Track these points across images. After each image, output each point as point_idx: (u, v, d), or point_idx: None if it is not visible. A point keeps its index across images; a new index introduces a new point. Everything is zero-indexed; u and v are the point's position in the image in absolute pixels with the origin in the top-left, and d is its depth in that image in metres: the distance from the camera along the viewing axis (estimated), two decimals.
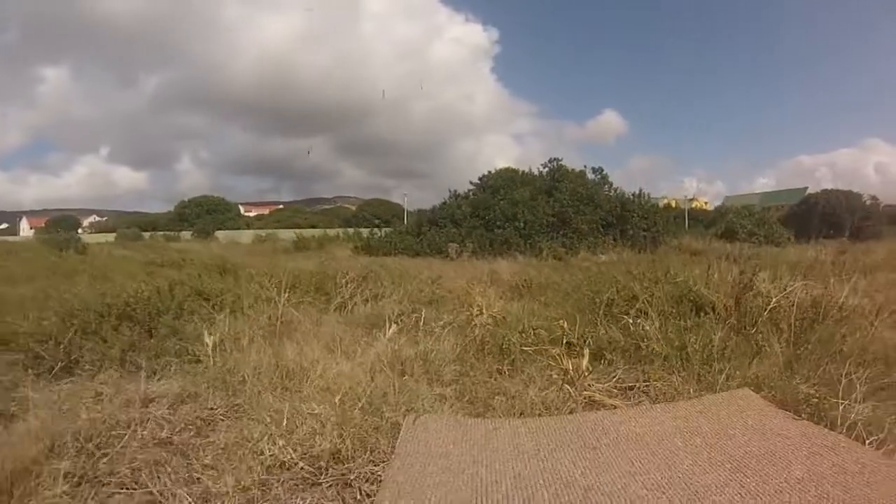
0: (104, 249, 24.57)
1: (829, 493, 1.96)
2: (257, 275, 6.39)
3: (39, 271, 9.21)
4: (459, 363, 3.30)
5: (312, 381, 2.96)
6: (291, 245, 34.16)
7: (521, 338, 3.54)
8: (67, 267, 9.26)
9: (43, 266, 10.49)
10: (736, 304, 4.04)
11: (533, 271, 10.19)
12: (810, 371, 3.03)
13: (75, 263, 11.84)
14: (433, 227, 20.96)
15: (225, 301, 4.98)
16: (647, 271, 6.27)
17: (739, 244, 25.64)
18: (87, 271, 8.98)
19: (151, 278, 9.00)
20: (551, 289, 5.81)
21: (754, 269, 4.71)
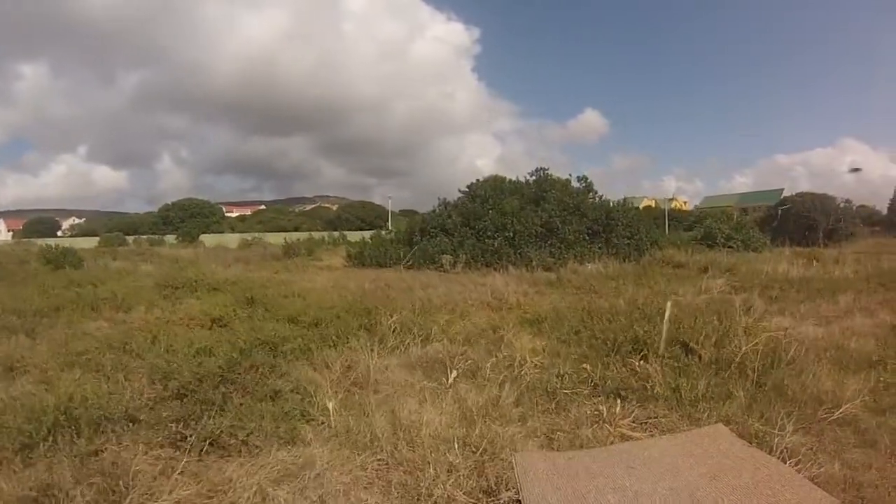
0: (97, 259, 24.41)
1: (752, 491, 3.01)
2: (297, 312, 6.74)
3: (56, 300, 9.32)
4: (519, 406, 3.94)
5: (436, 438, 3.42)
6: (280, 250, 34.48)
7: (560, 381, 4.23)
8: (87, 297, 9.33)
9: (51, 289, 10.67)
10: (716, 345, 4.73)
11: (531, 289, 10.89)
12: (763, 410, 3.86)
13: (81, 280, 12.05)
14: (424, 236, 21.40)
15: (292, 349, 5.27)
16: (643, 306, 6.95)
17: (718, 249, 26.65)
18: (109, 300, 9.15)
19: (170, 303, 9.43)
20: (562, 321, 6.38)
21: (727, 327, 5.42)
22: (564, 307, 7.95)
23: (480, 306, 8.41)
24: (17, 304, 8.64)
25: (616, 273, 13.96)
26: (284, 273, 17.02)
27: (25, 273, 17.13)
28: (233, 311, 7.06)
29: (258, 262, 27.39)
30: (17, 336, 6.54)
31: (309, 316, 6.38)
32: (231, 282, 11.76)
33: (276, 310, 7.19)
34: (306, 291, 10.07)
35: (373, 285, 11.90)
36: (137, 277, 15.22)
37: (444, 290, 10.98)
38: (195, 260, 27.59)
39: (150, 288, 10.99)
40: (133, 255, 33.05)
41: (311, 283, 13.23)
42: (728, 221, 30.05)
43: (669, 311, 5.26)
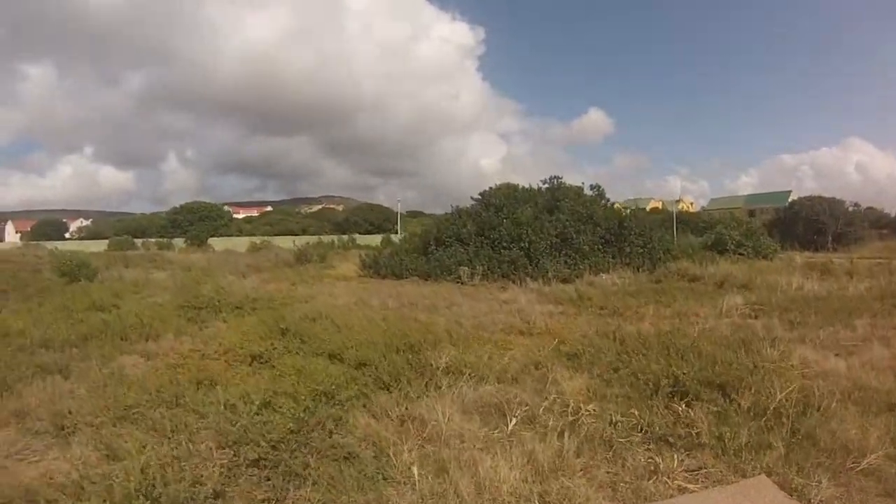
0: (109, 267, 24.44)
1: None
2: (338, 346, 6.87)
3: (82, 327, 9.22)
4: (580, 456, 4.13)
5: (517, 496, 3.54)
6: (291, 255, 34.66)
7: (614, 428, 4.48)
8: (114, 325, 9.22)
9: (73, 313, 10.63)
10: (750, 389, 4.97)
11: (554, 308, 11.13)
12: (800, 460, 4.06)
13: (101, 299, 12.08)
14: (439, 245, 21.57)
15: (349, 396, 5.24)
16: (671, 335, 7.19)
17: (729, 255, 26.81)
18: (136, 327, 9.14)
19: (196, 326, 9.56)
20: (599, 355, 6.60)
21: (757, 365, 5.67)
22: (593, 333, 8.16)
23: (511, 331, 8.63)
24: (43, 332, 8.74)
25: (634, 288, 14.16)
26: (302, 286, 17.17)
27: (40, 285, 17.35)
28: (271, 345, 7.08)
29: (271, 269, 27.60)
30: (53, 376, 6.52)
31: (351, 351, 6.45)
32: (252, 299, 11.95)
33: (313, 341, 7.25)
34: (332, 310, 10.23)
35: (396, 302, 12.15)
36: (154, 290, 15.49)
37: (468, 308, 11.23)
38: (207, 267, 27.82)
39: (171, 308, 11.05)
40: (144, 262, 33.05)
41: (333, 297, 13.46)
42: (738, 227, 30.09)
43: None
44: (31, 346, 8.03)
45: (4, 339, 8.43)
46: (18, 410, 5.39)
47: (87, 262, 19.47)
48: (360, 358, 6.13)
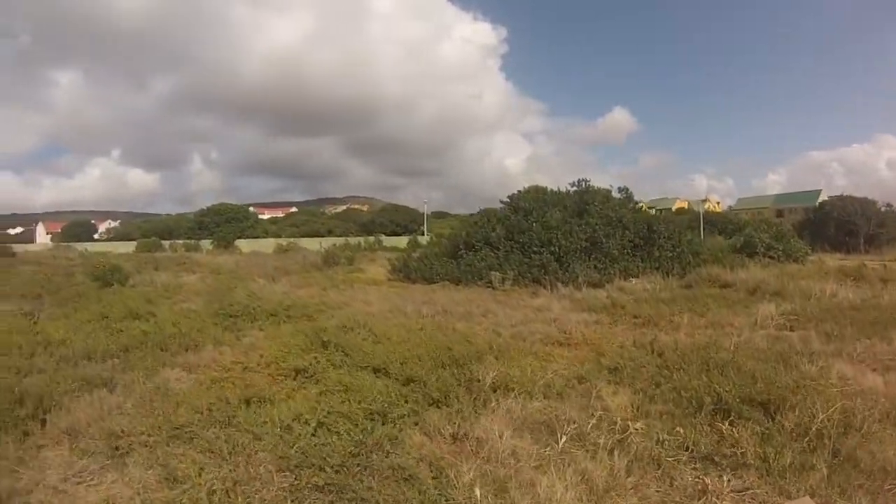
0: (140, 271, 25.06)
1: None
2: (381, 359, 6.94)
3: (122, 337, 9.30)
4: (630, 475, 4.23)
5: None
6: (318, 257, 34.98)
7: (661, 447, 4.61)
8: (154, 336, 9.29)
9: (112, 322, 10.74)
10: (792, 409, 5.06)
11: (588, 316, 11.23)
12: (842, 482, 4.13)
13: (136, 306, 12.21)
14: (469, 249, 21.69)
15: (401, 415, 5.27)
16: (709, 347, 7.28)
17: (758, 259, 26.60)
18: (175, 337, 9.24)
19: (233, 335, 9.67)
20: (640, 369, 6.71)
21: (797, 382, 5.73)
22: (630, 344, 8.28)
23: (549, 341, 8.76)
24: (84, 341, 8.92)
25: (665, 295, 14.19)
26: (333, 290, 17.39)
27: (74, 289, 17.78)
28: (314, 359, 7.15)
29: (299, 272, 27.88)
30: (99, 390, 6.56)
31: (396, 365, 6.53)
32: (286, 306, 12.16)
33: (355, 353, 7.33)
34: (368, 319, 10.41)
35: (430, 309, 12.31)
36: (186, 295, 15.83)
37: (503, 315, 11.39)
38: (236, 270, 28.25)
39: (206, 316, 11.27)
40: (173, 264, 33.31)
41: (366, 304, 13.66)
42: (768, 230, 29.81)
43: None
44: (73, 356, 8.15)
45: (47, 349, 8.61)
46: (70, 428, 5.40)
47: (119, 267, 19.92)
48: (407, 373, 6.20)
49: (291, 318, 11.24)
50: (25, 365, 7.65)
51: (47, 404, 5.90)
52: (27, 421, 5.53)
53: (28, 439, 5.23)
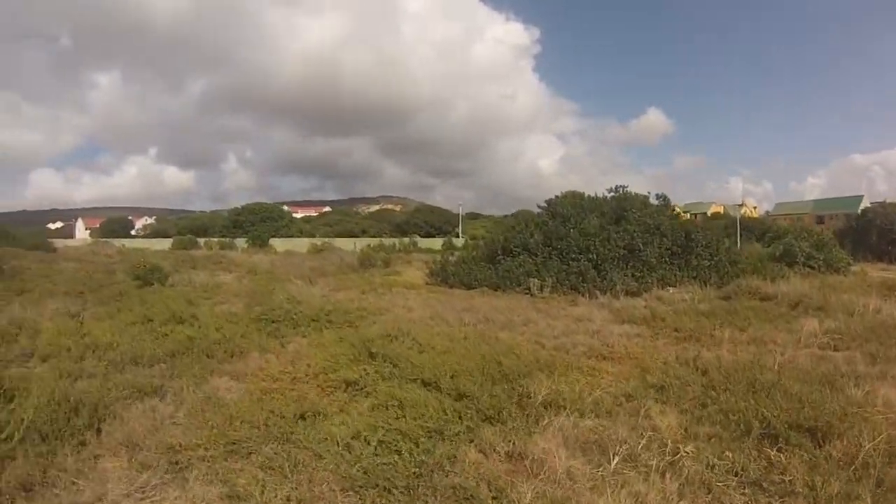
0: (178, 269, 25.68)
1: None
2: (431, 372, 7.05)
3: (167, 342, 9.48)
4: (682, 498, 4.34)
5: None
6: (354, 258, 35.35)
7: (712, 473, 4.74)
8: (200, 342, 9.45)
9: (157, 326, 10.93)
10: (839, 437, 5.15)
11: (629, 328, 11.33)
12: None
13: (179, 308, 12.47)
14: (506, 254, 21.83)
15: (457, 432, 5.38)
16: (753, 366, 7.34)
17: (798, 268, 26.25)
18: (221, 344, 9.44)
19: (277, 342, 9.83)
20: (685, 388, 6.82)
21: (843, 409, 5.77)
22: (673, 360, 8.38)
23: (592, 354, 8.90)
24: (130, 345, 9.22)
25: (705, 307, 14.18)
26: (371, 294, 17.67)
27: (115, 288, 18.39)
28: (364, 370, 7.28)
29: (335, 273, 28.20)
30: (150, 398, 6.70)
31: (445, 379, 6.64)
32: (327, 311, 12.44)
33: (404, 364, 7.45)
34: (411, 326, 10.61)
35: (471, 317, 12.51)
36: (225, 296, 16.24)
37: (544, 325, 11.57)
38: (272, 271, 28.73)
39: (248, 320, 11.58)
40: (209, 263, 34.07)
41: (407, 310, 13.92)
42: (809, 238, 29.35)
43: None
44: (121, 361, 8.35)
45: (94, 353, 8.87)
46: (126, 439, 5.43)
47: (158, 267, 20.43)
48: (458, 387, 6.34)
49: (333, 323, 11.51)
50: (75, 369, 7.88)
51: (102, 413, 5.99)
52: (83, 430, 5.57)
53: (84, 449, 5.28)
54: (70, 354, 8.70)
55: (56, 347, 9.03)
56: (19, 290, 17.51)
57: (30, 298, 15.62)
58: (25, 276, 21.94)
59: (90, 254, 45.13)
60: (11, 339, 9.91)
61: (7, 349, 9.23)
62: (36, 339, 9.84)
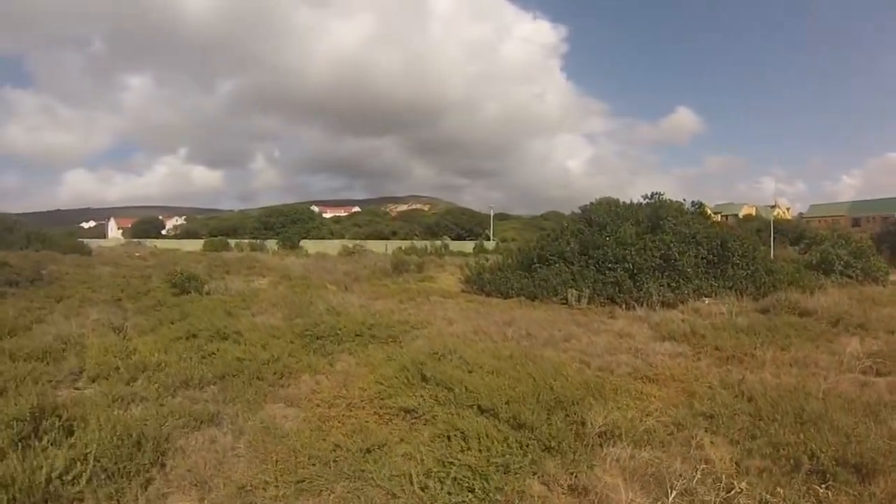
0: (212, 274, 26.31)
1: None
2: (487, 398, 7.23)
3: (217, 363, 9.33)
4: None
5: None
6: (387, 262, 35.76)
7: None
8: (250, 364, 9.28)
9: (203, 343, 10.90)
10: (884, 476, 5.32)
11: (671, 345, 11.47)
12: None
13: (221, 321, 12.73)
14: (542, 262, 22.04)
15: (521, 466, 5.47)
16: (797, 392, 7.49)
17: (835, 277, 26.03)
18: (270, 364, 9.39)
19: (324, 360, 9.96)
20: (734, 418, 7.01)
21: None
22: (718, 383, 8.56)
23: (637, 375, 9.12)
24: (178, 366, 9.10)
25: (743, 321, 14.26)
26: (409, 303, 17.93)
27: (152, 295, 19.02)
28: (421, 397, 7.37)
29: (369, 278, 28.56)
30: (207, 427, 6.68)
31: (501, 405, 6.78)
32: (369, 324, 12.61)
33: (457, 388, 7.51)
34: (455, 342, 10.85)
35: (513, 331, 12.73)
36: (263, 305, 16.63)
37: (586, 341, 11.76)
38: (306, 275, 29.21)
39: (291, 335, 11.68)
40: (242, 267, 34.78)
41: (447, 321, 14.17)
42: (847, 245, 29.03)
43: None
44: (171, 384, 8.23)
45: (144, 373, 8.73)
46: (193, 476, 5.36)
47: (194, 275, 20.84)
48: (516, 415, 6.48)
49: (376, 338, 11.71)
50: (127, 392, 7.73)
51: (163, 446, 5.85)
52: (149, 467, 5.44)
53: (151, 486, 5.20)
54: (119, 375, 8.63)
55: (105, 367, 8.94)
56: (59, 297, 18.22)
57: (69, 306, 16.28)
58: (64, 282, 22.74)
59: (124, 255, 46.31)
60: (59, 357, 9.82)
61: (56, 367, 9.06)
62: (82, 355, 9.75)
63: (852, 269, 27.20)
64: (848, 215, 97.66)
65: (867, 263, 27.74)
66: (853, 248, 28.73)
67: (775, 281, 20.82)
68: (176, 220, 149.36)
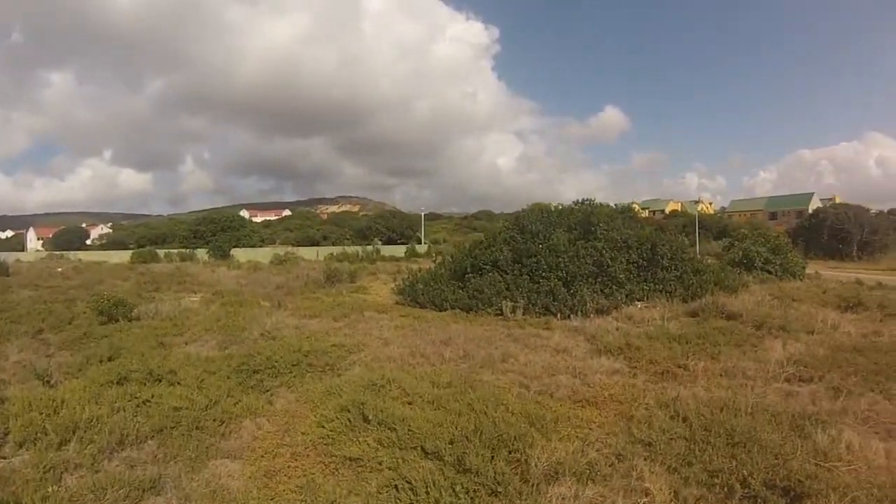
0: (142, 297, 25.30)
1: None
2: (433, 440, 7.28)
3: (155, 412, 8.45)
4: None
5: None
6: (319, 272, 35.20)
7: None
8: (184, 409, 8.62)
9: (137, 388, 9.69)
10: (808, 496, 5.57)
11: (606, 360, 11.66)
12: None
13: (152, 355, 12.09)
14: (475, 271, 22.02)
15: None
16: (727, 408, 7.75)
17: (756, 273, 27.18)
18: (209, 409, 8.77)
19: (260, 398, 9.80)
20: (671, 444, 7.19)
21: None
22: (654, 403, 8.76)
23: (576, 396, 9.23)
24: (112, 419, 8.20)
25: (674, 326, 14.72)
26: (344, 320, 17.69)
27: (79, 326, 17.89)
28: (366, 443, 7.17)
29: (303, 291, 28.18)
30: (150, 496, 6.24)
31: (444, 445, 6.75)
32: (305, 351, 12.23)
33: (400, 428, 7.37)
34: (390, 364, 11.15)
35: (450, 351, 12.60)
36: (196, 331, 16.17)
37: (523, 359, 11.80)
38: (237, 289, 28.65)
39: (228, 371, 11.10)
40: (173, 283, 33.62)
41: (384, 342, 13.98)
42: (766, 242, 30.49)
43: None
44: (107, 444, 7.43)
45: (75, 434, 7.72)
46: None
47: (122, 301, 19.64)
48: (459, 456, 6.42)
49: (313, 366, 11.49)
50: (59, 460, 6.96)
51: None
52: None
53: None
54: (48, 440, 7.58)
55: (32, 428, 7.87)
56: None
57: None
58: None
59: (45, 272, 43.83)
60: None
61: None
62: (5, 413, 8.51)
63: (771, 265, 28.57)
64: (766, 210, 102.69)
65: (785, 259, 29.18)
66: (772, 245, 30.16)
67: (702, 282, 21.51)
68: (101, 228, 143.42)
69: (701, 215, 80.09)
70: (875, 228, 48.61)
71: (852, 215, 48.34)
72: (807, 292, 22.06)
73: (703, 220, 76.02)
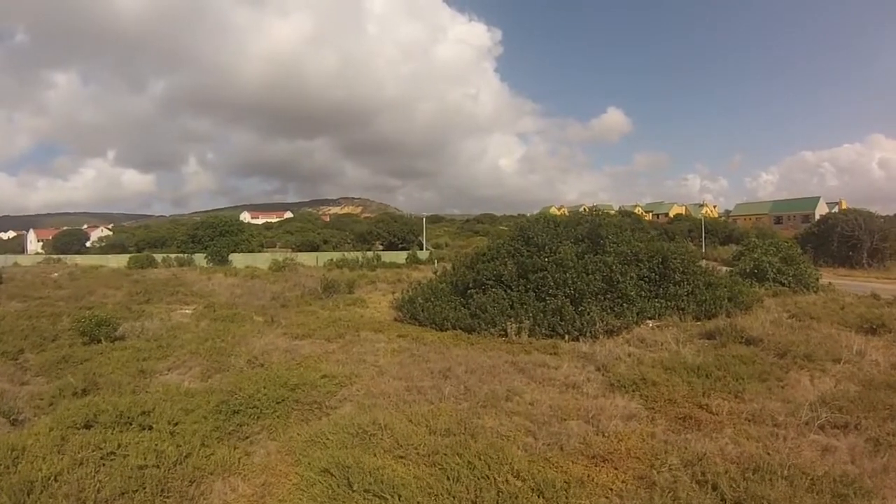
0: (131, 310, 24.73)
1: None
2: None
3: (118, 459, 7.88)
4: None
5: None
6: (317, 283, 34.33)
7: None
8: (151, 466, 7.69)
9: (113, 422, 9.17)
10: None
11: (622, 400, 10.71)
12: None
13: (127, 404, 10.54)
14: (479, 288, 20.93)
15: None
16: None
17: (769, 285, 26.19)
18: (179, 465, 7.86)
19: (237, 447, 8.92)
20: None
21: None
22: (677, 460, 7.80)
23: (590, 453, 8.25)
24: (73, 475, 7.35)
25: (690, 353, 13.74)
26: (337, 341, 16.88)
27: (61, 346, 17.02)
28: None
29: (298, 302, 27.70)
30: None
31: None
32: (292, 385, 11.41)
33: (389, 497, 6.65)
34: (384, 402, 10.39)
35: (449, 385, 11.54)
36: (180, 354, 15.32)
37: (529, 398, 10.83)
38: (231, 301, 28.04)
39: (206, 410, 10.09)
40: (166, 294, 32.56)
41: (379, 372, 13.05)
42: (777, 252, 29.47)
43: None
44: None
45: (31, 497, 6.79)
46: None
47: (105, 320, 18.62)
48: None
49: (300, 402, 10.70)
50: None
51: None
52: None
53: None
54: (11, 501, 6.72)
55: None
56: None
57: None
58: None
59: (38, 280, 42.95)
60: None
61: None
62: None
63: (784, 276, 27.54)
64: (770, 213, 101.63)
65: (798, 270, 28.14)
66: (784, 255, 29.14)
67: (716, 297, 20.54)
68: (102, 230, 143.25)
69: (706, 219, 79.06)
70: (885, 235, 47.57)
71: (862, 222, 47.23)
72: (824, 309, 21.05)
73: (709, 224, 74.92)
